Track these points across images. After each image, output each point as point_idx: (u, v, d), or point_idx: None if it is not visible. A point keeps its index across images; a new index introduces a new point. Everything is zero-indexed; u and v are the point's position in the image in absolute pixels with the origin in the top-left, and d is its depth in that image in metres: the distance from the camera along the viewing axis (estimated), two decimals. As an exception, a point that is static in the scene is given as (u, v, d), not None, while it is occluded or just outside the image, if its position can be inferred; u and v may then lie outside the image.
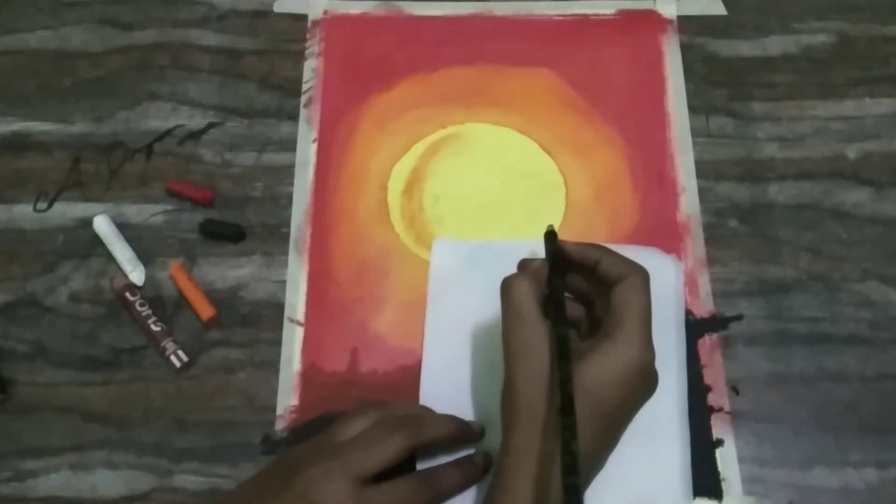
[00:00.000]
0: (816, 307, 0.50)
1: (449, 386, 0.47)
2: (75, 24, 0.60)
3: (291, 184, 0.54)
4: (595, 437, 0.38)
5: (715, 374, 0.48)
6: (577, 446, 0.35)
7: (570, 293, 0.43)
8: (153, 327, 0.49)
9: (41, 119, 0.57)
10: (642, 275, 0.40)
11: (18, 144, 0.56)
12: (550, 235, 0.43)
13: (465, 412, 0.46)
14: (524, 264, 0.42)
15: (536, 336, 0.39)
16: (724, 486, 0.46)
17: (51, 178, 0.55)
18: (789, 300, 0.51)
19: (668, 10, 0.60)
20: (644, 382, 0.39)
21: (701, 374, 0.48)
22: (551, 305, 0.40)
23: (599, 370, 0.38)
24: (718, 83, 0.57)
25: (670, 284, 0.49)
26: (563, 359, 0.37)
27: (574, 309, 0.44)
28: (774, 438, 0.47)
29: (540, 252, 0.44)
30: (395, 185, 0.55)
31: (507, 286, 0.40)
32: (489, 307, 0.44)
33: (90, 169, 0.55)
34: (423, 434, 0.41)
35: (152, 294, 0.51)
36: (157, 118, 0.57)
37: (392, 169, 0.55)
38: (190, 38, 0.60)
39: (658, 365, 0.42)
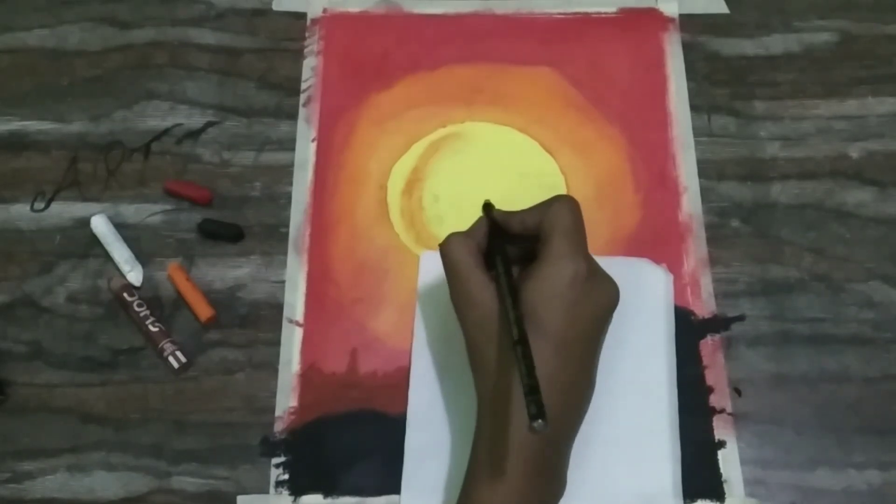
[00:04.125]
0: (819, 308, 0.50)
1: (437, 397, 0.47)
2: (73, 23, 0.60)
3: (290, 183, 0.54)
4: (555, 358, 0.39)
5: (717, 376, 0.48)
6: (532, 370, 0.35)
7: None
8: (151, 328, 0.49)
9: (38, 118, 0.57)
10: (565, 199, 0.42)
11: (15, 144, 0.56)
12: (486, 207, 0.45)
13: (454, 423, 0.46)
14: None
15: (477, 287, 0.41)
16: (726, 487, 0.45)
17: (48, 178, 0.55)
18: (792, 301, 0.50)
19: (670, 9, 0.59)
20: (586, 291, 0.40)
21: (703, 376, 0.48)
22: (494, 254, 0.42)
23: (535, 293, 0.39)
24: (720, 82, 0.57)
25: (660, 295, 0.49)
26: (511, 296, 0.39)
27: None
28: (777, 440, 0.47)
29: None
30: (395, 185, 0.54)
31: (443, 247, 0.42)
32: None
33: (88, 168, 0.55)
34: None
35: (150, 294, 0.51)
36: (155, 117, 0.57)
37: (392, 168, 0.55)
38: (188, 37, 0.59)
39: (647, 376, 0.46)
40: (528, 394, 0.34)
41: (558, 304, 0.39)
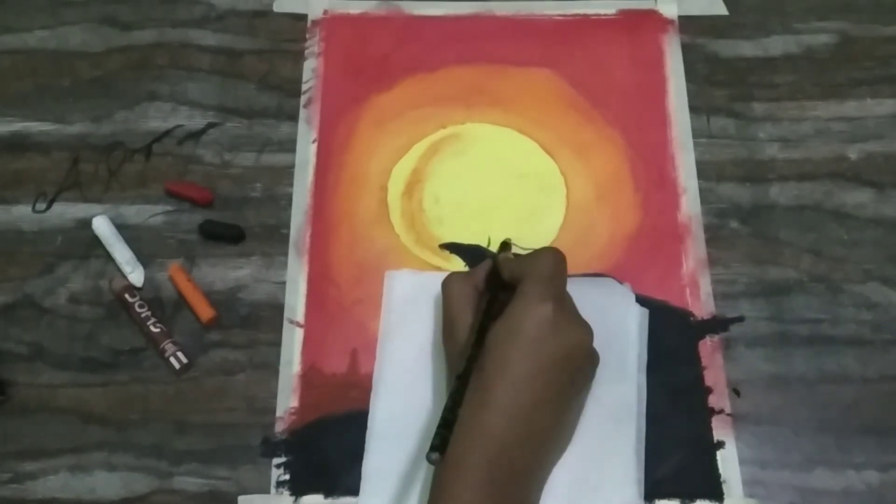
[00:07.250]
0: (817, 309, 0.50)
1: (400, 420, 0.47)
2: (74, 24, 0.60)
3: (291, 184, 0.54)
4: (511, 389, 0.40)
5: (716, 376, 0.48)
6: (456, 406, 0.38)
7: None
8: (152, 329, 0.49)
9: (40, 119, 0.57)
10: (549, 249, 0.44)
11: (17, 145, 0.56)
12: (501, 247, 0.50)
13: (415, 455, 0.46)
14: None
15: (461, 325, 0.43)
16: (724, 488, 0.46)
17: (49, 179, 0.55)
18: (790, 301, 0.50)
19: (669, 10, 0.60)
20: (550, 331, 0.41)
21: (702, 376, 0.48)
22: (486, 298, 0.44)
23: (499, 328, 0.41)
24: (719, 83, 0.57)
25: (623, 312, 0.49)
26: (476, 334, 0.41)
27: None
28: (775, 440, 0.47)
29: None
30: (396, 186, 0.54)
31: (444, 283, 0.46)
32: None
33: (89, 169, 0.55)
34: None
35: (151, 295, 0.51)
36: (157, 118, 0.57)
37: (392, 169, 0.55)
38: (189, 38, 0.59)
39: (614, 399, 0.46)
40: (440, 426, 0.37)
41: (519, 340, 0.41)
